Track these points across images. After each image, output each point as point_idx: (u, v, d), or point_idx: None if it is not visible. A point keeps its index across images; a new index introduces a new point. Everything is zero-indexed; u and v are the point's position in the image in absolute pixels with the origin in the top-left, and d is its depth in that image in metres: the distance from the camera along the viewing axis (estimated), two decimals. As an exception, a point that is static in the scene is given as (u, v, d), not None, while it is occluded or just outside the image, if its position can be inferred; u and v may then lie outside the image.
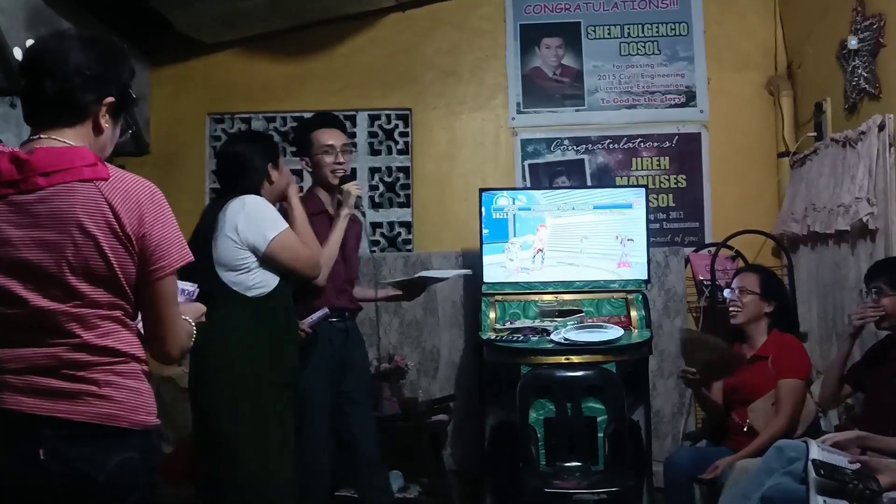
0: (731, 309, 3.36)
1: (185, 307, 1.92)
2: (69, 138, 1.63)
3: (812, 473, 2.30)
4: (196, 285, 2.10)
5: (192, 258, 1.73)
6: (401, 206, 4.71)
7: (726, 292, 3.46)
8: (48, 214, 1.56)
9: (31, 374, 1.56)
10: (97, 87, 1.65)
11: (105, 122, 1.68)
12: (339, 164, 3.25)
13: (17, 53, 3.24)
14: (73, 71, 1.61)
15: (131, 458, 1.60)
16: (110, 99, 1.68)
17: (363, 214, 3.38)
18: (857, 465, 2.31)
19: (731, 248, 4.30)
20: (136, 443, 1.62)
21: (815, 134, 4.13)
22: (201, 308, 1.98)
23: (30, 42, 3.29)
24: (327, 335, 3.13)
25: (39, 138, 1.63)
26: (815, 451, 2.38)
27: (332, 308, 3.12)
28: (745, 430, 3.16)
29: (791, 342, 3.26)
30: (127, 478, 1.60)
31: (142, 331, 1.72)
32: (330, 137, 3.25)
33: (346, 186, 3.22)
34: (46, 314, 1.57)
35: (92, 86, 1.64)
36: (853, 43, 3.63)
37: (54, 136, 1.62)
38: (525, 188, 4.49)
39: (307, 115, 4.65)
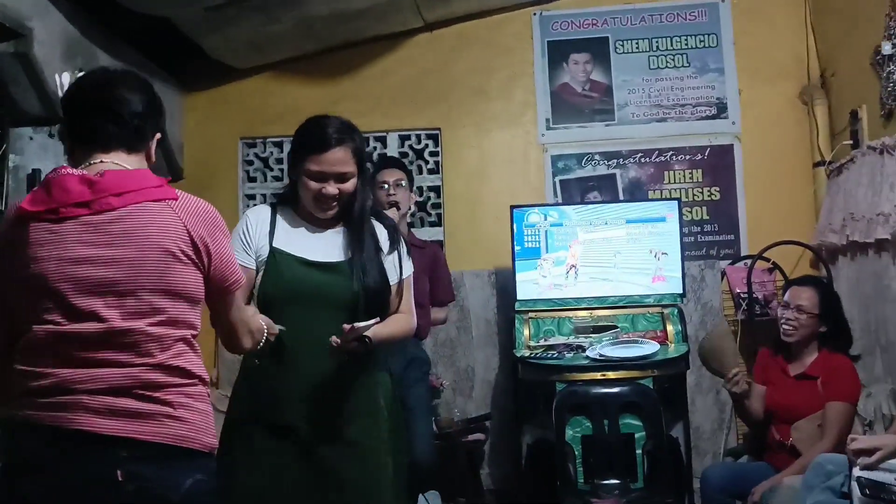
0: (785, 327, 3.20)
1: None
2: (128, 163, 1.70)
3: (857, 492, 2.26)
4: None
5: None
6: (432, 225, 4.71)
7: (779, 309, 3.32)
8: (123, 233, 1.61)
9: (107, 394, 1.57)
10: (154, 119, 1.79)
11: (153, 152, 1.80)
12: None
13: (55, 84, 3.31)
14: (140, 103, 1.74)
15: (202, 480, 1.64)
16: (159, 134, 1.81)
17: None
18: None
19: (767, 259, 4.24)
20: (204, 465, 1.66)
21: (851, 142, 4.07)
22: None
23: (66, 74, 3.38)
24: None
25: (102, 161, 1.69)
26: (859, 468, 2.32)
27: None
28: (787, 446, 3.08)
29: (842, 364, 3.12)
30: (198, 499, 1.63)
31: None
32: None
33: None
34: (125, 333, 1.59)
35: (151, 118, 1.78)
36: (888, 48, 3.58)
37: (116, 161, 1.69)
38: (556, 204, 4.47)
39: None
